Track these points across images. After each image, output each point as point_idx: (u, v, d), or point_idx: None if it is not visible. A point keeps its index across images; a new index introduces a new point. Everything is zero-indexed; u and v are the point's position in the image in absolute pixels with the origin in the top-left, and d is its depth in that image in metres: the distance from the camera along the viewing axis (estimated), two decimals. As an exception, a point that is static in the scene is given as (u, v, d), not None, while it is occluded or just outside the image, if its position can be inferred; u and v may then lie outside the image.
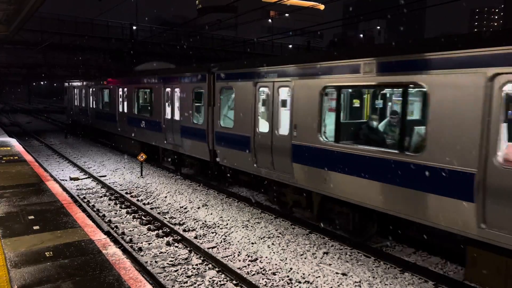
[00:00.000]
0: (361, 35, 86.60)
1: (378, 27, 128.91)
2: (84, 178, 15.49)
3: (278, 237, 9.27)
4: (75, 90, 28.31)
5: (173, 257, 8.17)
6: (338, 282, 7.12)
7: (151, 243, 8.97)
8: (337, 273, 7.44)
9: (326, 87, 8.64)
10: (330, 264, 7.83)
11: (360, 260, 8.09)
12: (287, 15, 66.38)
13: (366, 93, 9.86)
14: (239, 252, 8.47)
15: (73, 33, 32.85)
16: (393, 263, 7.83)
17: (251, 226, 9.99)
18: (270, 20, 72.32)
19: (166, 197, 12.82)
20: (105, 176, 15.97)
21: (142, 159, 15.55)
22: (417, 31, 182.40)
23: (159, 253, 8.39)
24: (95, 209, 11.48)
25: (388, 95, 9.48)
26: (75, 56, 51.49)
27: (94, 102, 24.47)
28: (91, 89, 24.89)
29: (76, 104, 28.20)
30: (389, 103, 9.48)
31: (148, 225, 10.01)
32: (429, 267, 7.71)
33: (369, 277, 7.29)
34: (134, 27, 35.07)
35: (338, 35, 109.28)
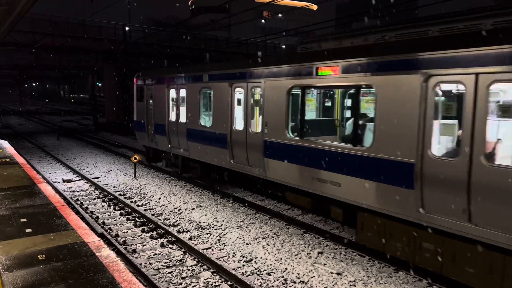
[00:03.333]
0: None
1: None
2: (77, 180, 15.38)
3: (273, 237, 9.27)
4: (167, 91, 14.77)
5: (167, 259, 8.14)
6: (333, 281, 7.14)
7: (145, 244, 8.92)
8: (331, 272, 7.45)
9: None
10: (325, 264, 7.84)
11: (354, 260, 8.11)
12: (280, 15, 66.46)
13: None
14: (234, 252, 8.45)
15: (65, 34, 32.56)
16: (387, 262, 7.86)
17: (246, 227, 9.97)
18: (263, 21, 72.35)
19: (160, 198, 12.76)
20: (99, 178, 15.88)
21: (135, 160, 15.47)
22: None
23: (154, 255, 8.35)
24: (88, 211, 11.40)
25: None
26: (67, 57, 51.18)
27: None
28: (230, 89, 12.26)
29: (167, 117, 14.79)
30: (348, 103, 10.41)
31: (142, 227, 9.96)
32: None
33: (363, 276, 7.31)
34: (127, 28, 34.88)
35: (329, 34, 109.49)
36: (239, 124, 11.30)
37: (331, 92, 10.89)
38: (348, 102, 10.36)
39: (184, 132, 13.63)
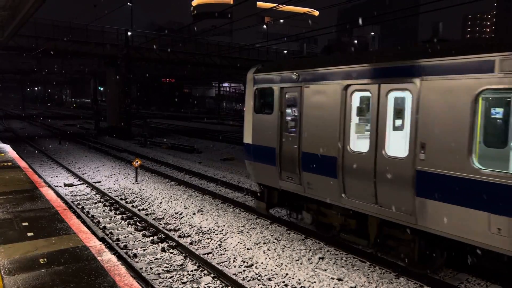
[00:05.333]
0: (355, 41, 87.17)
1: (372, 33, 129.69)
2: (78, 184, 15.41)
3: (274, 242, 9.26)
4: (344, 95, 8.35)
5: (168, 263, 8.14)
6: (334, 287, 7.13)
7: (146, 249, 8.93)
8: (332, 278, 7.44)
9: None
10: (325, 270, 7.83)
11: (355, 265, 8.10)
12: (282, 21, 66.71)
13: None
14: (235, 258, 8.45)
15: (68, 38, 32.72)
16: (388, 268, 7.85)
17: (247, 232, 9.97)
18: (265, 26, 72.58)
19: (161, 203, 12.78)
20: (100, 182, 15.90)
21: (136, 165, 15.50)
22: (412, 37, 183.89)
23: (154, 259, 8.35)
24: (89, 216, 11.41)
25: None
26: (70, 61, 51.39)
27: None
28: None
29: (345, 143, 8.33)
30: None
31: (143, 231, 9.97)
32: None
33: (364, 282, 7.30)
34: (129, 33, 35.05)
35: (333, 40, 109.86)
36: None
37: None
38: None
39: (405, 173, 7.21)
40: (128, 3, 36.83)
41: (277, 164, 9.67)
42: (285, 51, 52.11)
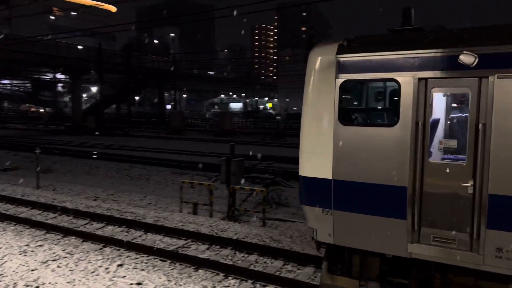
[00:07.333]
0: (156, 41, 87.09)
1: (173, 34, 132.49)
2: None
3: (66, 257, 8.34)
4: None
5: None
6: (133, 293, 6.88)
7: None
8: (131, 283, 7.17)
9: None
10: (124, 276, 7.49)
11: (156, 266, 8.04)
12: (73, 13, 61.09)
13: None
14: (15, 283, 7.23)
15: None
16: (187, 263, 8.08)
17: (31, 251, 8.67)
18: (52, 17, 64.98)
19: None
20: None
21: None
22: (209, 40, 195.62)
23: None
24: None
25: None
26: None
27: None
28: None
29: None
30: None
31: None
32: (220, 260, 8.27)
33: (164, 281, 7.30)
34: None
35: (133, 39, 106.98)
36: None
37: None
38: None
39: None
40: None
41: (410, 216, 5.39)
42: (80, 46, 47.92)
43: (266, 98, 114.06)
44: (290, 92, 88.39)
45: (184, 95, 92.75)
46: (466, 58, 4.85)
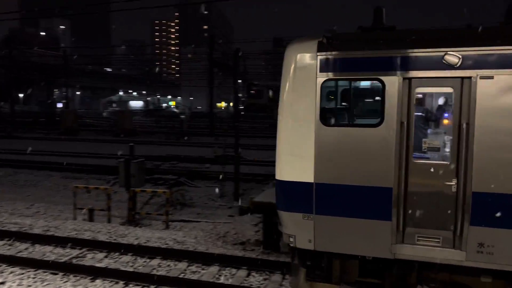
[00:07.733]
0: (43, 33, 79.28)
1: (63, 27, 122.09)
2: None
3: None
4: None
5: None
6: (17, 313, 6.16)
7: None
8: (16, 303, 6.42)
9: None
10: (7, 296, 6.68)
11: (46, 280, 7.32)
12: None
13: None
14: None
15: None
16: (83, 273, 7.50)
17: None
18: None
19: None
20: None
21: None
22: (104, 35, 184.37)
23: None
24: None
25: None
26: None
27: None
28: None
29: None
30: None
31: None
32: (120, 268, 7.83)
33: (56, 296, 6.68)
34: None
35: (15, 30, 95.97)
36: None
37: None
38: None
39: None
40: None
41: (395, 217, 5.32)
42: None
43: (169, 96, 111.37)
44: (194, 90, 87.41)
45: (78, 92, 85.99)
46: (451, 58, 4.94)
